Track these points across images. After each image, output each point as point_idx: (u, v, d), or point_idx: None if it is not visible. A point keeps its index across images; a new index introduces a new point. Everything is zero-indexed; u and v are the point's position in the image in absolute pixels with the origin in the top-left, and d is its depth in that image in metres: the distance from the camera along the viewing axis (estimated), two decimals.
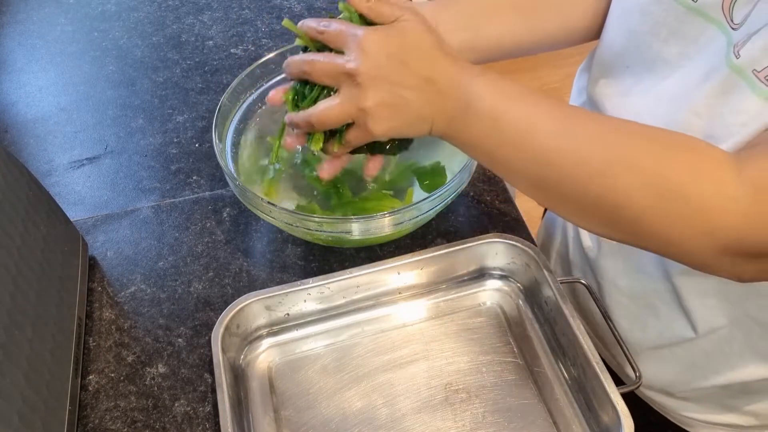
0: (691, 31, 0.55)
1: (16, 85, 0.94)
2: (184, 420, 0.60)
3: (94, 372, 0.63)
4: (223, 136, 0.72)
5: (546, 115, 0.51)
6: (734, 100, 0.49)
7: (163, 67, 0.95)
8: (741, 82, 0.48)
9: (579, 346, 0.58)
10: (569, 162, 0.49)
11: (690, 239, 0.46)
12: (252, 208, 0.66)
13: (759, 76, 0.47)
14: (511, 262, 0.67)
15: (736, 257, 0.46)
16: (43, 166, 0.83)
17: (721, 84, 0.50)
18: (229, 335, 0.61)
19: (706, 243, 0.46)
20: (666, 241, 0.48)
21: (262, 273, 0.70)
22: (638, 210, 0.47)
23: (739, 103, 0.49)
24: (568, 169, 0.49)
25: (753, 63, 0.47)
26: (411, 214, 0.64)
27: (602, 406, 0.56)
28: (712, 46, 0.53)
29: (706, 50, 0.54)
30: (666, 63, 0.58)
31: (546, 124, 0.50)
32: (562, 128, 0.50)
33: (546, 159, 0.50)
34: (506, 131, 0.51)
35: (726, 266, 0.47)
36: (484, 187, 0.77)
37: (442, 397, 0.60)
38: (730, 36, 0.51)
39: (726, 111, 0.50)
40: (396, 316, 0.66)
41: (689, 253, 0.48)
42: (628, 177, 0.47)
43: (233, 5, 1.06)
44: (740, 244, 0.45)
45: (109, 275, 0.71)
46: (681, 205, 0.45)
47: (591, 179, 0.48)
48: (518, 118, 0.51)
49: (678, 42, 0.56)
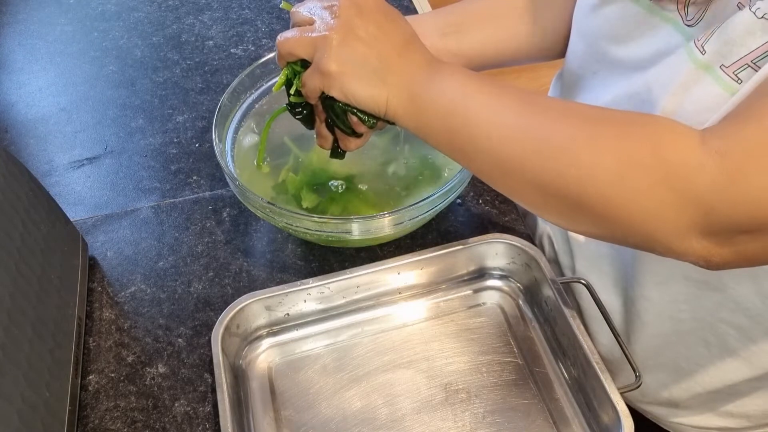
0: (649, 30, 0.55)
1: (16, 85, 0.94)
2: (184, 420, 0.60)
3: (94, 372, 0.63)
4: (223, 136, 0.72)
5: (511, 96, 0.50)
6: (701, 95, 0.49)
7: (163, 67, 0.95)
8: (707, 77, 0.48)
9: (579, 346, 0.58)
10: (532, 138, 0.48)
11: (655, 216, 0.44)
12: (252, 208, 0.66)
13: (728, 71, 0.47)
14: (511, 262, 0.67)
15: (705, 237, 0.43)
16: (43, 166, 0.83)
17: (686, 80, 0.50)
18: (229, 335, 0.61)
19: (672, 218, 0.43)
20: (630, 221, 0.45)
21: (262, 273, 0.70)
22: (601, 186, 0.45)
23: (707, 98, 0.48)
24: (531, 145, 0.48)
25: (721, 59, 0.47)
26: (411, 214, 0.64)
27: (602, 406, 0.56)
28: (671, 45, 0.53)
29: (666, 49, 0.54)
30: (627, 65, 0.58)
31: (511, 102, 0.50)
32: (526, 107, 0.50)
33: (509, 136, 0.49)
34: (471, 109, 0.50)
35: (694, 247, 0.44)
36: (484, 187, 0.77)
37: (442, 397, 0.60)
38: (686, 33, 0.52)
39: (693, 107, 0.49)
40: (396, 316, 0.66)
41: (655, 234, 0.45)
42: (590, 151, 0.45)
43: (233, 5, 1.06)
44: (709, 218, 0.42)
45: (109, 275, 0.71)
46: (643, 176, 0.44)
47: (553, 155, 0.47)
48: (484, 97, 0.50)
49: (637, 43, 0.56)
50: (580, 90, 0.66)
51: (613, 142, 0.45)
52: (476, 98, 0.51)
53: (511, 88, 0.51)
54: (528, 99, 0.50)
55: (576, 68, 0.65)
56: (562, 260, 0.73)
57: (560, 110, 0.49)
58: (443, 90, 0.51)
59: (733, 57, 0.46)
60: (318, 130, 0.61)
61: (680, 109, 0.50)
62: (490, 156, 0.50)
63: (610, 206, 0.45)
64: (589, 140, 0.46)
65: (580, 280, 0.66)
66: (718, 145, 0.42)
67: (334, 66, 0.52)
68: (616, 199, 0.45)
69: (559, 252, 0.73)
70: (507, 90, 0.51)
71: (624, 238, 0.48)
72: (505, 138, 0.49)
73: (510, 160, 0.49)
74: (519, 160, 0.48)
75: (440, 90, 0.51)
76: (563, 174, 0.46)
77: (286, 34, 0.55)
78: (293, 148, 0.73)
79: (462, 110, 0.50)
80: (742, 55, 0.46)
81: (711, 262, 0.45)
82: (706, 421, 0.69)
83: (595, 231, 0.49)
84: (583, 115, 0.48)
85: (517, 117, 0.49)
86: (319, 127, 0.60)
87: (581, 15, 0.63)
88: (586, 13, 0.61)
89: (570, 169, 0.46)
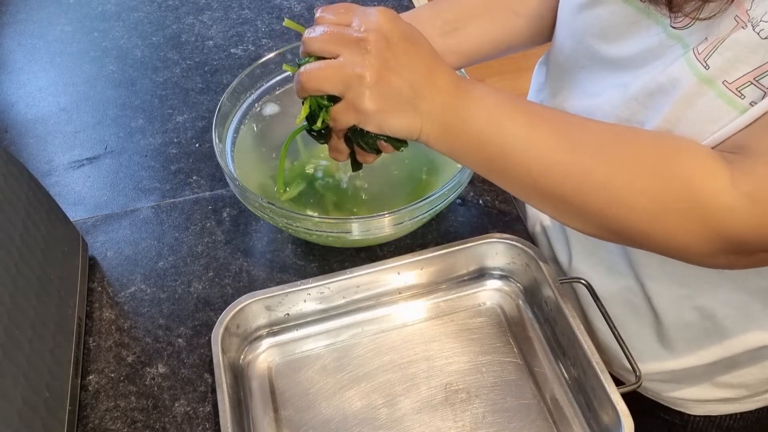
0: (638, 30, 0.56)
1: (16, 85, 0.94)
2: (184, 420, 0.60)
3: (94, 372, 0.63)
4: (223, 136, 0.72)
5: (545, 125, 0.51)
6: (703, 108, 0.50)
7: (163, 67, 0.95)
8: (710, 91, 0.49)
9: (579, 346, 0.58)
10: (570, 176, 0.49)
11: (689, 245, 0.49)
12: (252, 208, 0.66)
13: (730, 87, 0.48)
14: (511, 262, 0.67)
15: (734, 255, 0.49)
16: (43, 166, 0.83)
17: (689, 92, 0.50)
18: (229, 335, 0.61)
19: (707, 247, 0.48)
20: (666, 248, 0.50)
21: (262, 273, 0.70)
22: (638, 223, 0.49)
23: (710, 112, 0.49)
24: (570, 183, 0.50)
25: (723, 74, 0.48)
26: (411, 214, 0.64)
27: (602, 406, 0.56)
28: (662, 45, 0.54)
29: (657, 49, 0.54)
30: (617, 62, 0.58)
31: (546, 134, 0.51)
32: (562, 141, 0.50)
33: (547, 173, 0.50)
34: (506, 141, 0.51)
35: (721, 261, 0.50)
36: (484, 187, 0.77)
37: (442, 397, 0.60)
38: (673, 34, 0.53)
39: (695, 118, 0.50)
40: (396, 316, 0.66)
41: (687, 255, 0.51)
42: (627, 193, 0.48)
43: (233, 5, 1.06)
44: (739, 247, 0.48)
45: (109, 275, 0.71)
46: (677, 217, 0.48)
47: (593, 192, 0.49)
48: (519, 127, 0.51)
49: (627, 42, 0.57)
50: (568, 83, 0.66)
51: (648, 183, 0.48)
52: (510, 129, 0.51)
53: (541, 114, 0.52)
54: (562, 129, 0.51)
55: (563, 62, 0.66)
56: (556, 247, 0.74)
57: (596, 143, 0.50)
58: (474, 118, 0.51)
59: (736, 73, 0.47)
60: (336, 146, 0.59)
61: (683, 118, 0.51)
62: (529, 186, 0.52)
63: (647, 238, 0.50)
64: (626, 181, 0.49)
65: (580, 279, 0.66)
66: (748, 189, 0.45)
67: (372, 105, 0.51)
68: (653, 233, 0.49)
69: (552, 239, 0.74)
70: (538, 117, 0.52)
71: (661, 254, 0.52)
72: (542, 174, 0.50)
73: (550, 192, 0.51)
74: (559, 194, 0.51)
75: (471, 118, 0.51)
76: (603, 209, 0.49)
77: (309, 68, 0.52)
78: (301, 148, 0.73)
79: (497, 140, 0.51)
80: (744, 72, 0.47)
81: (734, 269, 0.52)
82: (704, 393, 0.69)
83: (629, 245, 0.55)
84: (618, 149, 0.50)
85: (553, 152, 0.50)
86: (337, 144, 0.58)
87: (568, 13, 0.63)
88: (574, 11, 0.62)
89: (609, 207, 0.49)
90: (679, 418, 0.73)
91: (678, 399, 0.71)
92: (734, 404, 0.70)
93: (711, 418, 0.72)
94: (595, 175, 0.49)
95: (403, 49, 0.51)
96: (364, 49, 0.50)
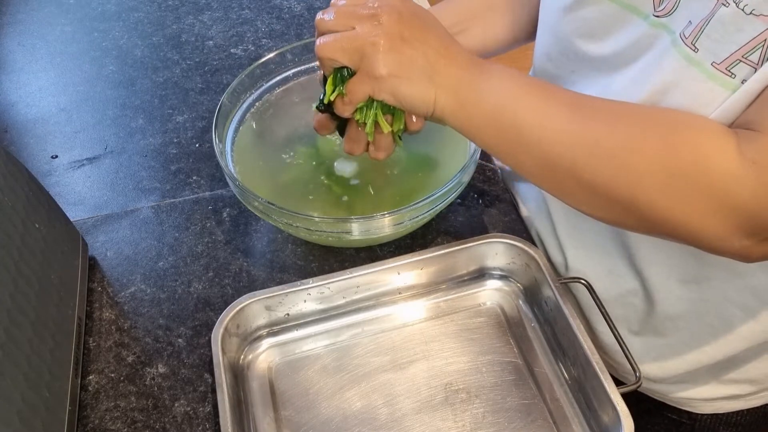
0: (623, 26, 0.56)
1: (16, 85, 0.94)
2: (184, 420, 0.60)
3: (94, 372, 0.63)
4: (223, 136, 0.72)
5: (559, 98, 0.52)
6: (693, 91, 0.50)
7: (163, 67, 0.95)
8: (699, 74, 0.49)
9: (579, 346, 0.58)
10: (581, 144, 0.49)
11: (698, 220, 0.47)
12: (252, 208, 0.66)
13: (719, 67, 0.48)
14: (511, 262, 0.67)
15: (746, 238, 0.47)
16: (43, 166, 0.83)
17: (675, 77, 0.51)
18: (229, 335, 0.61)
19: (717, 222, 0.47)
20: (675, 224, 0.49)
21: (262, 273, 0.70)
22: (648, 191, 0.48)
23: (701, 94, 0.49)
24: (581, 151, 0.49)
25: (711, 56, 0.48)
26: (411, 214, 0.64)
27: (602, 406, 0.56)
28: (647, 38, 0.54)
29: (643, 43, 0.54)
30: (608, 61, 0.58)
31: (560, 105, 0.51)
32: (576, 111, 0.51)
33: (560, 141, 0.50)
34: (520, 112, 0.51)
35: (735, 247, 0.48)
36: (484, 187, 0.77)
37: (442, 397, 0.60)
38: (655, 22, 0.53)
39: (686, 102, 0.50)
40: (396, 316, 0.66)
41: (698, 235, 0.49)
42: (639, 159, 0.48)
43: (233, 5, 1.06)
44: (749, 223, 0.46)
45: (109, 275, 0.71)
46: (687, 185, 0.47)
47: (603, 161, 0.49)
48: (534, 99, 0.51)
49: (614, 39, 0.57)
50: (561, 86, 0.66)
51: (660, 149, 0.48)
52: (525, 101, 0.51)
53: (557, 90, 0.53)
54: (576, 101, 0.52)
55: (551, 68, 0.66)
56: (551, 252, 0.73)
57: (609, 112, 0.51)
58: (490, 92, 0.52)
59: (724, 53, 0.47)
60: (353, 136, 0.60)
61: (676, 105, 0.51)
62: (540, 158, 0.52)
63: (656, 209, 0.48)
64: (638, 147, 0.48)
65: (580, 279, 0.66)
66: (753, 156, 0.45)
67: (385, 70, 0.52)
68: (663, 203, 0.48)
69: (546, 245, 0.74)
70: (554, 92, 0.52)
71: (668, 237, 0.51)
72: (555, 142, 0.50)
73: (560, 162, 0.51)
74: (570, 163, 0.50)
75: (487, 92, 0.52)
76: (613, 177, 0.49)
77: (324, 40, 0.54)
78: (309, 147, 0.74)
79: (510, 113, 0.51)
80: (732, 51, 0.47)
81: (750, 258, 0.49)
82: (711, 392, 0.69)
83: (641, 229, 0.53)
84: (631, 119, 0.50)
85: (567, 121, 0.50)
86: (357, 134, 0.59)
87: (552, 16, 0.63)
88: (559, 14, 0.62)
89: (620, 174, 0.49)
90: (686, 416, 0.73)
91: (685, 399, 0.71)
92: (740, 401, 0.70)
93: (719, 415, 0.72)
94: (605, 143, 0.49)
95: (417, 25, 0.53)
96: (378, 21, 0.52)
